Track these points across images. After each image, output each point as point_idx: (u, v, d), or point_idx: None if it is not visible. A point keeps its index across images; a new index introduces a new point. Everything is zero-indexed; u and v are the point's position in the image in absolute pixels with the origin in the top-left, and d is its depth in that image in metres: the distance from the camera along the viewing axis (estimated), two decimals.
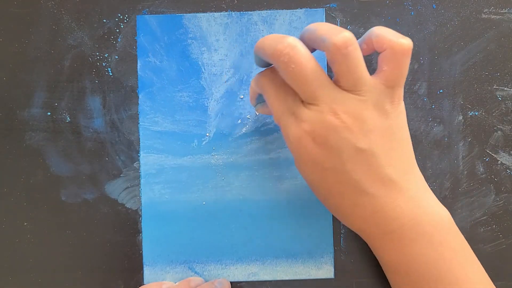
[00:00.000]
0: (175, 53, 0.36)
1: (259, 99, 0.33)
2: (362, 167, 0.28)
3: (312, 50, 0.29)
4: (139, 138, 0.36)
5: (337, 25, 0.36)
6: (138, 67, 0.36)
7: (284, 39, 0.27)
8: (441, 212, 0.30)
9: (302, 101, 0.28)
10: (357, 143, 0.28)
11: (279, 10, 0.36)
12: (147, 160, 0.36)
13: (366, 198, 0.29)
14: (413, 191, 0.30)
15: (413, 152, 0.31)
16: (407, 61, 0.28)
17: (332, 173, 0.29)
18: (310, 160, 0.29)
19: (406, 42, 0.28)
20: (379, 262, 0.33)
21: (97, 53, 0.36)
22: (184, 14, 0.36)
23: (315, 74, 0.27)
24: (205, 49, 0.36)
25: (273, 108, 0.29)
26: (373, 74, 0.29)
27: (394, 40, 0.28)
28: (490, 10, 0.36)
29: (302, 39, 0.29)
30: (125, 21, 0.36)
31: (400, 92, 0.29)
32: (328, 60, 0.27)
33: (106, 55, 0.36)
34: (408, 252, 0.29)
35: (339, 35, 0.26)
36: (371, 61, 0.36)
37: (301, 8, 0.36)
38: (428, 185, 0.36)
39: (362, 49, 0.29)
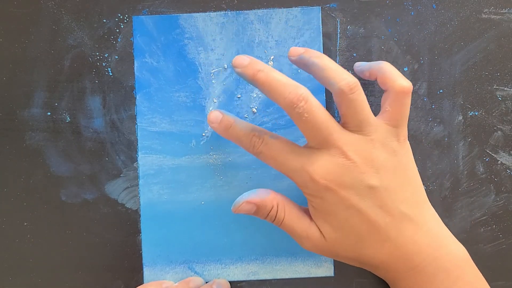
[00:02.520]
0: (171, 54, 0.36)
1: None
2: (377, 204, 0.30)
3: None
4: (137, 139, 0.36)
5: (337, 25, 0.36)
6: (135, 68, 0.36)
7: (297, 90, 0.28)
8: (458, 247, 0.32)
9: (310, 149, 0.30)
10: (368, 180, 0.29)
11: (275, 9, 0.36)
12: (145, 161, 0.36)
13: (390, 234, 0.30)
14: (428, 225, 0.31)
15: (423, 188, 0.32)
16: (408, 101, 0.31)
17: (353, 212, 0.30)
18: (330, 204, 0.30)
19: (406, 84, 0.30)
20: None
21: (97, 53, 0.36)
22: (180, 14, 0.36)
23: (326, 121, 0.29)
24: (202, 49, 0.36)
25: (282, 169, 0.31)
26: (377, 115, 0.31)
27: (396, 82, 0.30)
28: (490, 10, 0.36)
29: (307, 67, 0.31)
30: (125, 21, 0.36)
31: (405, 131, 0.31)
32: (336, 102, 0.30)
33: (106, 55, 0.36)
34: (430, 287, 0.30)
35: (345, 81, 0.29)
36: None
37: (297, 7, 0.36)
38: (428, 185, 0.36)
39: (364, 75, 0.32)
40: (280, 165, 0.30)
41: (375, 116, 0.31)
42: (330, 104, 0.36)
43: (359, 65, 0.34)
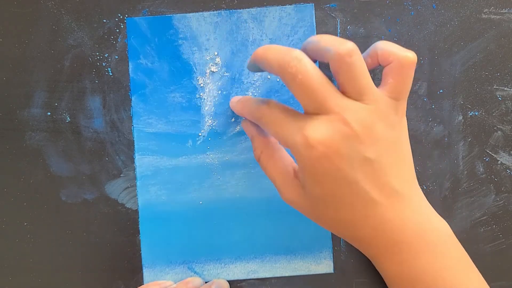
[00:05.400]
0: (166, 54, 0.36)
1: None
2: (370, 177, 0.28)
3: (314, 61, 0.30)
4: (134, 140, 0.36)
5: (337, 25, 0.36)
6: (130, 70, 0.36)
7: (291, 52, 0.27)
8: (442, 223, 0.31)
9: (308, 116, 0.28)
10: (365, 152, 0.28)
11: (268, 7, 0.36)
12: (142, 162, 0.36)
13: (376, 209, 0.29)
14: (416, 202, 0.30)
15: (413, 164, 0.31)
16: (412, 74, 0.29)
17: (343, 183, 0.28)
18: (322, 172, 0.28)
19: (411, 55, 0.28)
20: (383, 277, 0.33)
21: (97, 53, 0.36)
22: (174, 14, 0.36)
23: (322, 83, 0.27)
24: (196, 49, 0.36)
25: (279, 133, 0.29)
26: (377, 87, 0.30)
27: (400, 53, 0.28)
28: (490, 10, 0.36)
29: (305, 51, 0.29)
30: (125, 21, 0.36)
31: (404, 105, 0.30)
32: (333, 70, 0.28)
33: (106, 55, 0.36)
34: (415, 263, 0.30)
35: (343, 45, 0.27)
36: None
37: (292, 4, 0.36)
38: (428, 185, 0.36)
39: (366, 63, 0.30)
40: (279, 129, 0.29)
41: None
42: None
43: None
